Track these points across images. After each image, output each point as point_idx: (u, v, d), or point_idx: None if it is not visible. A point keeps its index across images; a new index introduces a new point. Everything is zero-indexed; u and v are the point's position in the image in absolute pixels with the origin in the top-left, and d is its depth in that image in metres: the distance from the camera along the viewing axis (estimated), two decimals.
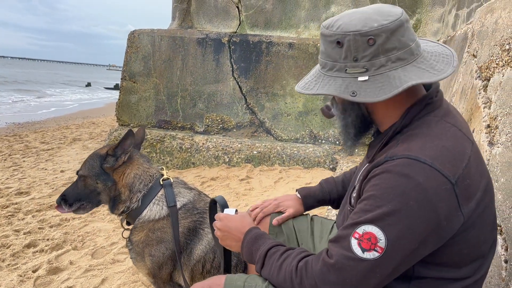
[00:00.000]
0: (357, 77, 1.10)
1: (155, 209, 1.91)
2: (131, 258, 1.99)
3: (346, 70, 1.11)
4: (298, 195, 1.76)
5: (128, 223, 2.01)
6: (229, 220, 1.46)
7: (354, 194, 1.29)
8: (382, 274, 1.03)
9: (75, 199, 1.98)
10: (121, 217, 2.01)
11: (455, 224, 1.03)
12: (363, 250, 1.02)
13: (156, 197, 1.93)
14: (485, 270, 1.16)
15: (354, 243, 1.03)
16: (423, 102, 1.15)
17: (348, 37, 1.09)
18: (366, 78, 1.09)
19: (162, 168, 2.06)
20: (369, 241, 1.01)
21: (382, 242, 1.00)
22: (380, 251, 1.00)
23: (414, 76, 1.08)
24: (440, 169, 1.01)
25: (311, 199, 1.74)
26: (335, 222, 1.69)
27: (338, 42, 1.11)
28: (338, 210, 1.76)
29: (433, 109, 1.15)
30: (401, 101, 1.16)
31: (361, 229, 1.03)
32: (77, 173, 2.01)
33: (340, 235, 1.09)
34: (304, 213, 1.76)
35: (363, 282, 1.04)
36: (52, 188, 4.97)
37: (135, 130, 2.08)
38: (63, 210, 2.00)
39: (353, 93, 1.09)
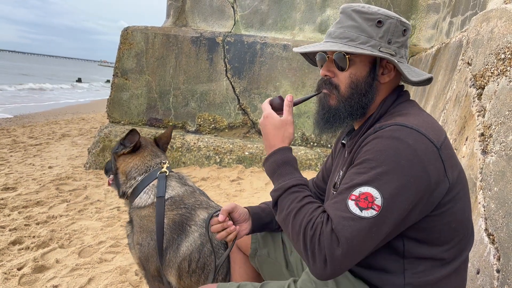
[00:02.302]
0: (386, 57, 1.20)
1: (144, 197, 2.03)
2: (128, 243, 2.13)
3: (380, 48, 1.21)
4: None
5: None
6: (273, 118, 1.31)
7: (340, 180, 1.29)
8: (378, 235, 1.05)
9: (107, 169, 2.32)
10: (124, 201, 2.22)
11: (442, 189, 1.09)
12: (361, 209, 1.04)
13: (148, 186, 2.04)
14: (467, 254, 1.22)
15: (351, 204, 1.05)
16: (395, 93, 1.29)
17: (391, 20, 1.22)
18: (396, 61, 1.21)
19: (165, 162, 2.15)
20: (366, 200, 1.04)
21: (378, 201, 1.03)
22: (377, 209, 1.03)
23: (422, 71, 1.28)
24: (426, 133, 1.08)
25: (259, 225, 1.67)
26: None
27: (380, 21, 1.21)
28: None
29: (404, 99, 1.28)
30: (383, 92, 1.28)
31: (357, 191, 1.05)
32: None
33: (336, 200, 1.09)
34: None
35: (364, 242, 1.04)
36: (40, 184, 4.89)
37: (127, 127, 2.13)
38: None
39: (400, 67, 1.20)
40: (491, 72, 2.05)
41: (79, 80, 39.89)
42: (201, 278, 1.93)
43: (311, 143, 5.84)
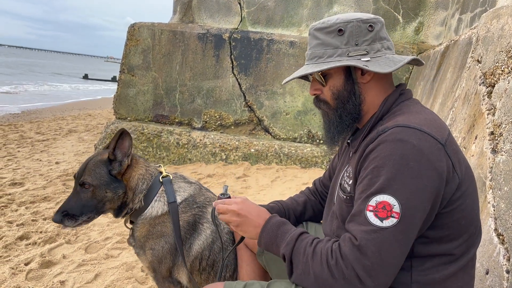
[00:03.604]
0: (360, 58, 1.23)
1: (157, 206, 1.89)
2: (135, 252, 1.99)
3: (348, 54, 1.23)
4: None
5: (131, 222, 1.98)
6: (247, 205, 1.39)
7: (349, 181, 1.28)
8: (406, 241, 1.05)
9: (81, 212, 1.79)
10: (124, 218, 1.97)
11: (452, 185, 1.10)
12: (381, 219, 1.04)
13: (157, 194, 1.90)
14: (475, 251, 1.22)
15: (370, 215, 1.05)
16: (397, 92, 1.30)
17: (351, 24, 1.23)
18: (368, 59, 1.23)
19: (160, 165, 2.03)
20: (384, 209, 1.04)
21: (396, 208, 1.03)
22: (397, 216, 1.03)
23: (403, 56, 1.28)
24: (429, 132, 1.09)
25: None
26: None
27: (340, 30, 1.23)
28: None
29: (406, 97, 1.29)
30: (381, 91, 1.29)
31: (373, 201, 1.05)
32: (81, 184, 1.80)
33: (354, 214, 1.10)
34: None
35: (393, 251, 1.04)
36: (47, 180, 4.92)
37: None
38: (66, 227, 1.80)
39: (365, 65, 1.20)
40: (502, 70, 2.03)
41: (85, 76, 40.03)
42: (210, 276, 1.93)
43: (317, 141, 5.82)
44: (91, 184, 1.79)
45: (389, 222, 1.02)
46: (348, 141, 1.41)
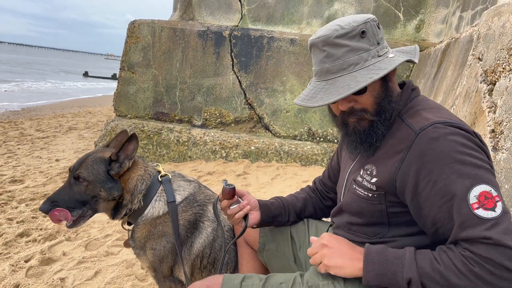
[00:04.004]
0: (387, 56, 1.21)
1: (158, 206, 1.87)
2: (135, 253, 1.96)
3: (378, 54, 1.20)
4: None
5: (129, 223, 1.96)
6: (333, 236, 1.28)
7: (371, 179, 1.25)
8: None
9: (73, 206, 1.75)
10: (122, 219, 1.95)
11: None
12: (493, 209, 1.01)
13: (156, 194, 1.88)
14: None
15: (480, 212, 1.01)
16: (409, 87, 1.30)
17: (368, 24, 1.19)
18: (393, 55, 1.23)
19: (158, 164, 2.01)
20: (487, 199, 1.02)
21: (492, 191, 1.03)
22: (498, 198, 1.02)
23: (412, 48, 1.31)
24: (461, 124, 1.12)
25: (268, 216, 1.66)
26: (330, 225, 1.68)
27: (363, 32, 1.18)
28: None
29: (417, 93, 1.30)
30: (396, 87, 1.29)
31: (472, 199, 1.03)
32: (76, 177, 1.77)
33: (463, 221, 1.03)
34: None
35: None
36: (47, 177, 4.92)
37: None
38: (57, 218, 1.71)
39: (411, 58, 1.22)
40: (503, 68, 2.02)
41: (86, 74, 40.01)
42: (211, 273, 1.93)
43: (318, 138, 5.82)
44: (85, 178, 1.76)
45: (499, 207, 1.01)
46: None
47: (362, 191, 1.29)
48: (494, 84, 2.10)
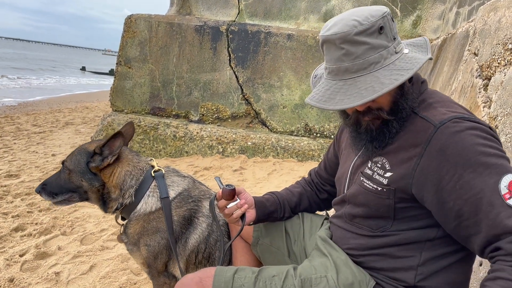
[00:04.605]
0: (403, 52, 1.16)
1: (150, 202, 1.86)
2: (127, 250, 1.95)
3: (395, 50, 1.14)
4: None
5: (123, 218, 1.96)
6: None
7: (383, 173, 1.23)
8: None
9: (57, 191, 1.87)
10: (115, 214, 1.95)
11: None
12: None
13: (149, 189, 1.87)
14: None
15: None
16: (419, 81, 1.27)
17: (385, 18, 1.13)
18: (408, 51, 1.17)
19: (152, 159, 1.99)
20: None
21: None
22: None
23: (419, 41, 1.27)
24: (478, 119, 1.12)
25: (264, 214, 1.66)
26: (325, 218, 1.68)
27: (381, 28, 1.11)
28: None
29: (426, 86, 1.29)
30: (409, 86, 1.24)
31: (503, 189, 1.02)
32: (62, 163, 1.90)
33: (497, 212, 1.01)
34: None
35: None
36: (43, 172, 4.91)
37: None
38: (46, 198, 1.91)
39: (431, 57, 1.17)
40: (498, 63, 2.02)
41: (83, 69, 39.88)
42: None
43: (314, 134, 5.82)
44: (67, 167, 1.86)
45: None
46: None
47: (371, 184, 1.26)
48: (490, 79, 2.10)
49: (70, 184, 1.85)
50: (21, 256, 2.84)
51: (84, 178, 1.84)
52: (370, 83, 1.10)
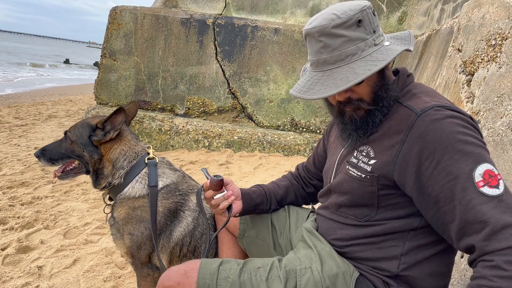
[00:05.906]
0: (383, 44, 1.19)
1: (137, 187, 1.88)
2: (111, 234, 1.96)
3: (374, 43, 1.18)
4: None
5: (110, 199, 1.97)
6: None
7: (368, 161, 1.25)
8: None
9: (56, 157, 1.94)
10: (103, 192, 1.98)
11: None
12: (497, 186, 1.02)
13: (139, 175, 1.89)
14: None
15: (486, 190, 1.02)
16: (405, 74, 1.31)
17: (364, 12, 1.16)
18: (389, 43, 1.20)
19: (149, 147, 2.00)
20: (491, 177, 1.03)
21: (494, 170, 1.04)
22: (500, 176, 1.04)
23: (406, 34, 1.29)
24: (459, 109, 1.14)
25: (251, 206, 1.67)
26: (311, 211, 1.69)
27: (360, 21, 1.15)
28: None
29: (412, 79, 1.32)
30: (391, 72, 1.31)
31: (477, 177, 1.03)
32: (65, 133, 1.96)
33: (469, 199, 1.02)
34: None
35: None
36: (25, 165, 4.82)
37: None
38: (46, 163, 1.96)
39: (408, 49, 1.19)
40: (481, 58, 2.05)
41: (67, 61, 39.20)
42: None
43: (300, 128, 5.84)
44: (69, 137, 1.93)
45: (502, 184, 1.03)
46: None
47: (356, 171, 1.28)
48: (473, 75, 2.13)
49: (71, 153, 1.93)
50: (2, 250, 2.79)
51: (86, 150, 1.91)
52: (346, 74, 1.14)
